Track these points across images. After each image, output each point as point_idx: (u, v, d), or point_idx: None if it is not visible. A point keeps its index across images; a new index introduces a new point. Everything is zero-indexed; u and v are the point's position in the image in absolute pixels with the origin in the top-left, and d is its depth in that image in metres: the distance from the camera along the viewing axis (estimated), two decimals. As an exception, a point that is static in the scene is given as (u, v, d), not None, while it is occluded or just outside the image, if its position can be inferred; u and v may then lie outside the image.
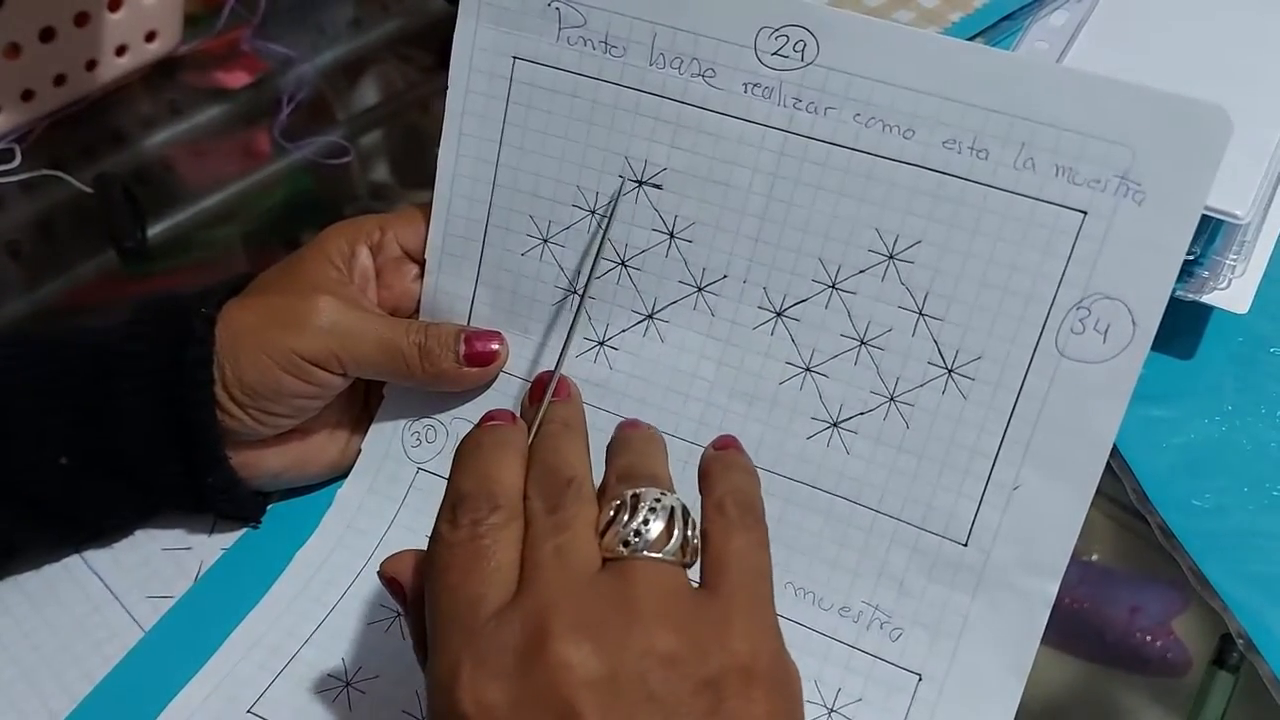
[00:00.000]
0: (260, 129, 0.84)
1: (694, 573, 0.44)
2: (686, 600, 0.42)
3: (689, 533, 0.44)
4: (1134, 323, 0.48)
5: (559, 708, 0.39)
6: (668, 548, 0.43)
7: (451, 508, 0.44)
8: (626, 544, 0.42)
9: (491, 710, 0.39)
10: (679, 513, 0.44)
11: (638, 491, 0.44)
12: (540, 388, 0.51)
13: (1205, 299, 0.63)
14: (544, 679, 0.39)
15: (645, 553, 0.42)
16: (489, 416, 0.48)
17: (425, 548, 0.47)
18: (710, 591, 0.43)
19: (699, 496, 0.46)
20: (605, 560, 0.43)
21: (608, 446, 0.48)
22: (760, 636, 0.42)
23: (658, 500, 0.43)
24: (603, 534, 0.43)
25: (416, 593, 0.46)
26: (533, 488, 0.45)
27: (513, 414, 0.48)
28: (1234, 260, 0.62)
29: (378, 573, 0.47)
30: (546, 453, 0.46)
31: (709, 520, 0.45)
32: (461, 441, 0.47)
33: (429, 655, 0.43)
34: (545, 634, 0.40)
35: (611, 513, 0.44)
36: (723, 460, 0.48)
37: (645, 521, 0.43)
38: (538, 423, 0.48)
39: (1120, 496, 0.62)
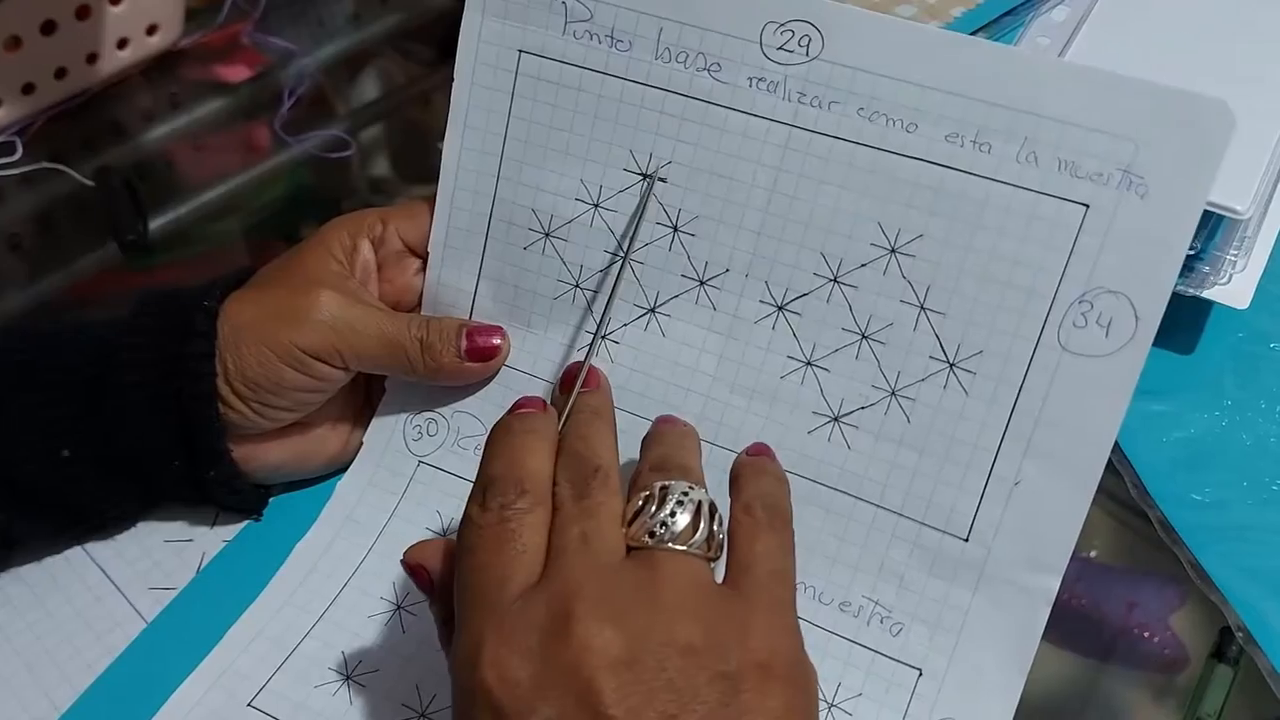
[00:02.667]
0: (261, 123, 0.84)
1: (718, 570, 0.45)
2: (709, 594, 0.43)
3: (715, 528, 0.44)
4: (1136, 317, 0.48)
5: (579, 687, 0.39)
6: (693, 541, 0.43)
7: (481, 491, 0.45)
8: (652, 534, 0.43)
9: (514, 685, 0.40)
10: (706, 507, 0.44)
11: (666, 483, 0.45)
12: (571, 377, 0.52)
13: (1206, 294, 0.63)
14: (566, 658, 0.40)
15: (671, 544, 0.43)
16: (520, 404, 0.49)
17: (428, 539, 0.48)
18: (733, 589, 0.44)
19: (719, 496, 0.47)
20: (631, 549, 0.44)
21: (643, 439, 0.49)
22: (780, 637, 0.43)
23: (685, 493, 0.44)
24: (630, 523, 0.44)
25: (443, 577, 0.46)
26: (561, 475, 0.46)
27: (543, 401, 0.49)
28: (1234, 255, 0.63)
29: (401, 560, 0.48)
30: (575, 440, 0.47)
31: (736, 521, 0.46)
32: (493, 427, 0.48)
33: (455, 632, 0.44)
34: (569, 615, 0.41)
35: (640, 503, 0.44)
36: (754, 465, 0.49)
37: (672, 514, 0.44)
38: (568, 411, 0.49)
39: (1119, 492, 0.62)
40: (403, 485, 0.59)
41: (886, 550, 0.52)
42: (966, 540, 0.51)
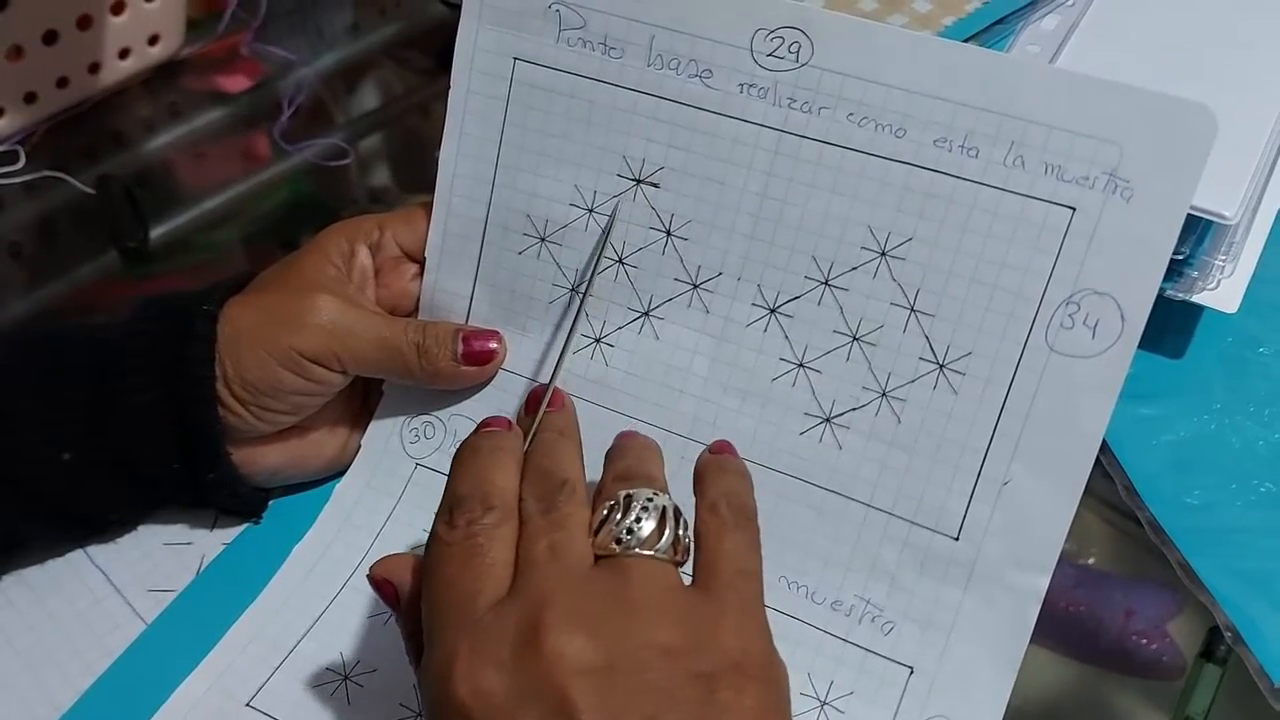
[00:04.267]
0: (260, 132, 0.85)
1: (686, 574, 0.45)
2: (679, 596, 0.43)
3: (680, 532, 0.45)
4: (1122, 318, 0.49)
5: (553, 695, 0.40)
6: (659, 545, 0.44)
7: (449, 509, 0.46)
8: (619, 541, 0.44)
9: (488, 698, 0.40)
10: (670, 512, 0.45)
11: (630, 492, 0.45)
12: (535, 399, 0.52)
13: (1195, 299, 0.63)
14: (539, 668, 0.40)
15: (637, 550, 0.43)
16: (486, 423, 0.49)
17: (417, 548, 0.48)
18: (702, 590, 0.44)
19: (692, 496, 0.47)
20: (598, 558, 0.44)
21: (606, 453, 0.49)
22: (751, 634, 0.43)
23: (650, 500, 0.45)
24: (596, 532, 0.44)
25: (411, 593, 0.47)
26: (527, 490, 0.46)
27: (509, 420, 0.50)
28: (1223, 261, 0.63)
29: (367, 575, 0.49)
30: (541, 457, 0.48)
31: (702, 521, 0.46)
32: (459, 447, 0.48)
33: (425, 648, 0.44)
34: (540, 625, 0.41)
35: (605, 511, 0.45)
36: (717, 463, 0.49)
37: (638, 520, 0.44)
38: (534, 430, 0.50)
39: (1115, 500, 0.62)
40: (400, 488, 0.60)
41: (878, 550, 0.53)
42: (957, 539, 0.52)
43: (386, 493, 0.60)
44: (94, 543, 0.59)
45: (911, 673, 0.52)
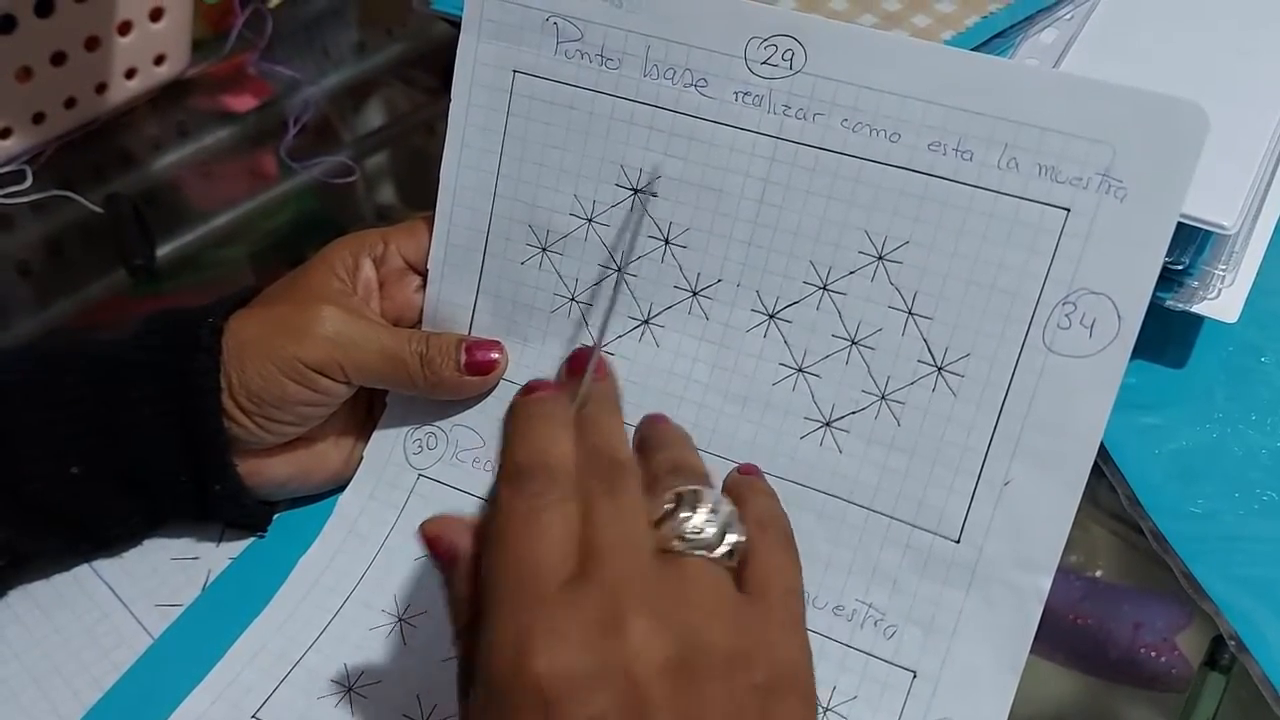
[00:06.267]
0: (267, 150, 0.85)
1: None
2: (739, 605, 0.43)
3: (739, 539, 0.44)
4: (1119, 317, 0.49)
5: (631, 685, 0.39)
6: (720, 551, 0.43)
7: (510, 477, 0.44)
8: (683, 539, 0.43)
9: (566, 678, 0.39)
10: (736, 519, 0.44)
11: (697, 490, 0.44)
12: (580, 362, 0.50)
13: (1195, 309, 0.63)
14: (620, 656, 0.39)
15: (701, 551, 0.43)
16: (531, 387, 0.47)
17: (448, 515, 0.46)
18: (757, 600, 0.43)
19: None
20: (660, 550, 0.43)
21: (641, 438, 0.49)
22: (799, 652, 0.43)
23: (716, 502, 0.44)
24: (659, 525, 0.43)
25: (469, 555, 0.44)
26: (587, 469, 0.45)
27: (554, 384, 0.48)
28: (1223, 270, 0.63)
29: (420, 532, 0.46)
30: (594, 434, 0.46)
31: (751, 536, 0.45)
32: (508, 409, 0.46)
33: (485, 620, 0.42)
34: (623, 611, 0.40)
35: (670, 506, 0.44)
36: (752, 485, 0.49)
37: (706, 521, 0.43)
38: (581, 397, 0.48)
39: (1123, 512, 0.62)
40: (403, 498, 0.60)
41: (879, 553, 0.53)
42: (958, 542, 0.52)
43: (390, 504, 0.60)
44: (100, 557, 0.60)
45: (915, 676, 0.52)
